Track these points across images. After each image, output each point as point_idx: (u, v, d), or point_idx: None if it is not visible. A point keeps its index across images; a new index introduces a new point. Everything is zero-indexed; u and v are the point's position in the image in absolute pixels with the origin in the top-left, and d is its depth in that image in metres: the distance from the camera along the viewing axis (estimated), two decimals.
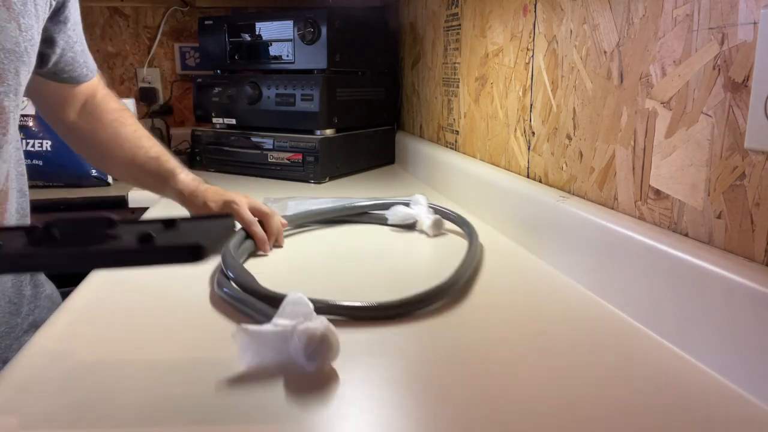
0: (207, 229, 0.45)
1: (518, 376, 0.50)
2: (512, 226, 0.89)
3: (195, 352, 0.55)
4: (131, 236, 0.42)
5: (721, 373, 0.49)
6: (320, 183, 1.36)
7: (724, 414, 0.45)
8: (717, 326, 0.50)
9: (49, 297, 0.85)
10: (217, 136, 1.48)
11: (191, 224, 0.47)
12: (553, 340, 0.57)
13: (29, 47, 0.70)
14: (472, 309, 0.65)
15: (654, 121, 0.62)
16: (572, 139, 0.78)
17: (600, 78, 0.71)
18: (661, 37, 0.60)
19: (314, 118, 1.37)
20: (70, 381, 0.49)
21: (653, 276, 0.58)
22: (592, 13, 0.72)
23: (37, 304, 0.81)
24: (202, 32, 1.51)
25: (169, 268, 0.50)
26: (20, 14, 0.67)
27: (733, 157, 0.52)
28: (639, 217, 0.65)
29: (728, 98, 0.52)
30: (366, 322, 0.60)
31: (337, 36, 1.36)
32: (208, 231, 0.45)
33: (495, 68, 1.02)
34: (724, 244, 0.53)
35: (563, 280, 0.73)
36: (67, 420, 0.44)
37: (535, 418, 0.44)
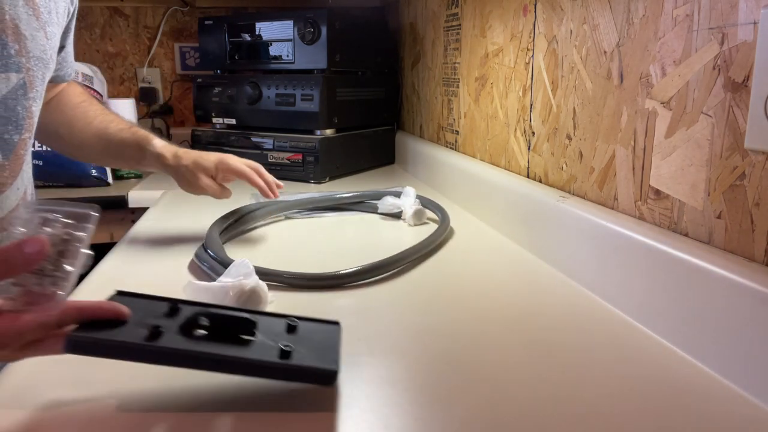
0: (327, 339, 0.51)
1: (518, 376, 0.50)
2: (512, 226, 0.89)
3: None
4: (268, 343, 0.47)
5: (721, 373, 0.49)
6: (320, 183, 1.36)
7: (724, 414, 0.45)
8: (717, 326, 0.50)
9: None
10: (217, 136, 1.48)
11: (309, 327, 0.52)
12: (553, 340, 0.57)
13: (53, 54, 0.73)
14: (471, 308, 0.65)
15: (654, 121, 0.62)
16: (572, 139, 0.78)
17: (600, 78, 0.71)
18: (661, 37, 0.60)
19: (314, 118, 1.37)
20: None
21: (653, 276, 0.58)
22: (592, 13, 0.72)
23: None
24: (202, 32, 1.51)
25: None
26: (46, 23, 0.70)
27: (733, 157, 0.52)
28: (639, 217, 0.65)
29: (728, 98, 0.52)
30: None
31: (337, 36, 1.36)
32: (330, 342, 0.50)
33: (495, 68, 1.02)
34: (724, 244, 0.53)
35: (563, 279, 0.73)
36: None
37: (534, 418, 0.44)
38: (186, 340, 0.45)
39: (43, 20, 0.68)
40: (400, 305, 0.66)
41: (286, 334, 0.50)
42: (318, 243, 0.91)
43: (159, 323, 0.46)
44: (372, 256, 0.75)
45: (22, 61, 0.65)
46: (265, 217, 1.00)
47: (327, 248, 0.88)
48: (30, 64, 0.67)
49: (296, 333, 0.50)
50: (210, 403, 0.46)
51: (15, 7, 0.64)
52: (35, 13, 0.67)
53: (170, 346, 0.44)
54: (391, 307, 0.66)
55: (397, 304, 0.66)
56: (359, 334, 0.58)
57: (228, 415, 0.45)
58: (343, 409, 0.46)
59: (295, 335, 0.50)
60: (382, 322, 0.62)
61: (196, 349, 0.44)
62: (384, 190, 1.12)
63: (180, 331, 0.46)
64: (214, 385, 0.48)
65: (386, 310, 0.65)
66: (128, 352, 0.43)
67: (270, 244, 0.90)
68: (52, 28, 0.71)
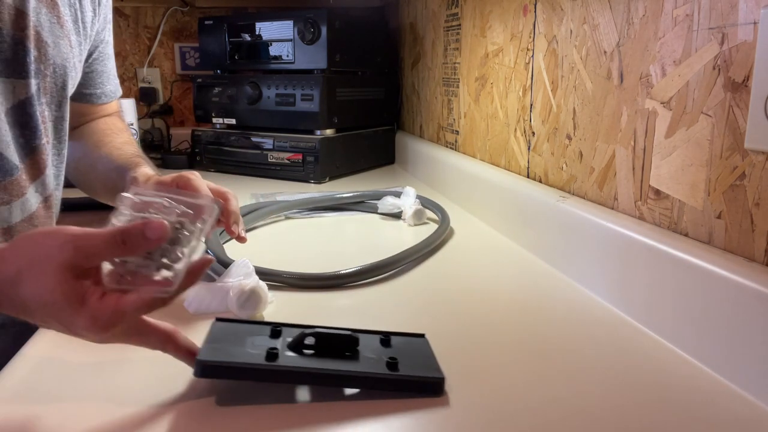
0: (421, 350, 0.52)
1: (518, 376, 0.50)
2: (512, 226, 0.89)
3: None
4: (372, 357, 0.49)
5: (721, 373, 0.49)
6: (320, 183, 1.36)
7: (724, 414, 0.45)
8: (717, 326, 0.50)
9: None
10: (217, 136, 1.48)
11: (399, 341, 0.53)
12: (553, 340, 0.57)
13: (77, 63, 0.74)
14: (471, 308, 0.65)
15: (654, 121, 0.62)
16: (572, 139, 0.78)
17: (600, 78, 0.71)
18: (661, 37, 0.60)
19: (314, 118, 1.37)
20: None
21: (653, 276, 0.58)
22: (592, 13, 0.72)
23: None
24: (202, 32, 1.51)
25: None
26: (71, 32, 0.71)
27: (733, 157, 0.51)
28: (639, 217, 0.65)
29: (728, 98, 0.52)
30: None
31: (337, 36, 1.36)
32: (425, 353, 0.51)
33: (495, 68, 1.02)
34: (724, 244, 0.53)
35: (563, 279, 0.73)
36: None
37: (534, 418, 0.44)
38: (299, 358, 0.47)
39: (68, 29, 0.70)
40: (400, 305, 0.66)
41: (382, 347, 0.52)
42: (318, 243, 0.90)
43: (272, 345, 0.48)
44: (372, 256, 0.75)
45: (40, 67, 0.66)
46: (265, 217, 1.00)
47: (327, 248, 0.88)
48: (47, 71, 0.68)
49: (391, 347, 0.52)
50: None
51: (38, 14, 0.65)
52: (59, 21, 0.68)
53: (292, 366, 0.46)
54: (391, 307, 0.66)
55: (397, 304, 0.66)
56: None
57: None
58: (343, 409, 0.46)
59: (391, 348, 0.52)
60: (382, 322, 0.62)
61: (315, 366, 0.46)
62: (384, 190, 1.12)
63: (292, 351, 0.48)
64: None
65: (386, 310, 0.65)
66: (255, 373, 0.46)
67: (270, 244, 0.90)
68: (78, 37, 0.73)
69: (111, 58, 0.86)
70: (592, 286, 0.68)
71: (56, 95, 0.71)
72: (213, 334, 0.50)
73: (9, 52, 0.63)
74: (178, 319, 0.61)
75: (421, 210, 0.99)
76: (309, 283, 0.70)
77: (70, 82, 0.72)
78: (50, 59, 0.67)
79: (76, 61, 0.73)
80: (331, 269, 0.72)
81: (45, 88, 0.68)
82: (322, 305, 0.66)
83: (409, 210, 0.99)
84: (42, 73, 0.67)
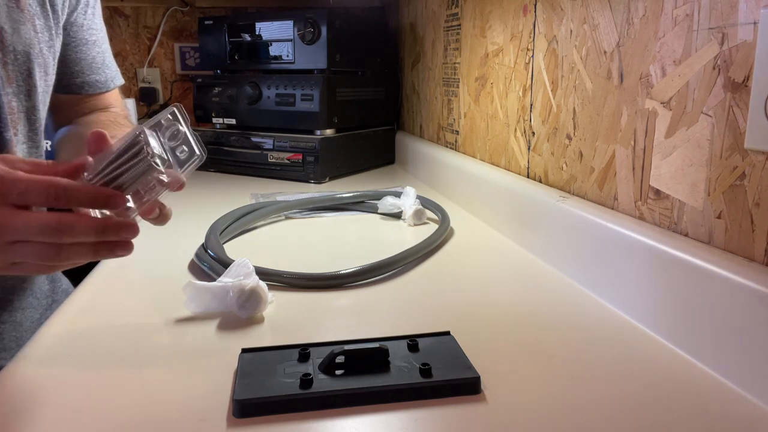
0: (450, 349, 0.52)
1: (517, 376, 0.50)
2: (512, 226, 0.89)
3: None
4: (403, 366, 0.49)
5: (721, 372, 0.49)
6: (320, 183, 1.36)
7: (723, 414, 0.45)
8: (717, 326, 0.50)
9: (65, 291, 0.85)
10: (217, 136, 1.48)
11: (426, 342, 0.53)
12: (553, 339, 0.57)
13: (44, 48, 0.70)
14: (471, 308, 0.65)
15: (654, 121, 0.62)
16: (572, 139, 0.78)
17: (600, 78, 0.71)
18: (661, 37, 0.60)
19: (314, 118, 1.37)
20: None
21: (653, 276, 0.58)
22: (592, 13, 0.72)
23: (54, 298, 0.82)
24: (202, 32, 1.51)
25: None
26: (35, 15, 0.67)
27: (733, 157, 0.51)
28: (639, 217, 0.65)
29: (728, 98, 0.52)
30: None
31: (337, 36, 1.36)
32: (455, 352, 0.52)
33: (495, 68, 1.02)
34: (724, 244, 0.53)
35: (563, 279, 0.73)
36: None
37: (534, 418, 0.44)
38: (333, 380, 0.47)
39: (30, 12, 0.66)
40: (401, 305, 0.66)
41: (410, 353, 0.52)
42: (318, 243, 0.90)
43: (306, 371, 0.48)
44: (372, 256, 0.75)
45: (2, 55, 0.63)
46: (265, 217, 1.00)
47: (327, 248, 0.88)
48: (8, 58, 0.64)
49: (419, 350, 0.52)
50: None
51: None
52: (19, 5, 0.64)
53: (329, 390, 0.46)
54: (391, 307, 0.66)
55: (397, 305, 0.66)
56: (359, 334, 0.58)
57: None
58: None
59: (419, 353, 0.51)
60: (382, 322, 0.62)
61: (351, 387, 0.46)
62: (384, 190, 1.12)
63: (324, 374, 0.48)
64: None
65: (386, 310, 0.65)
66: (294, 404, 0.45)
67: (270, 244, 0.90)
68: (47, 21, 0.69)
69: (94, 45, 0.81)
70: (592, 286, 0.68)
71: (23, 84, 0.67)
72: (242, 368, 0.49)
73: None
74: (178, 320, 0.61)
75: (421, 210, 0.99)
76: (309, 283, 0.70)
77: (38, 69, 0.69)
78: (9, 46, 0.64)
79: (44, 47, 0.69)
80: (331, 269, 0.72)
81: (8, 77, 0.65)
82: (322, 305, 0.66)
83: (409, 210, 0.99)
84: (2, 60, 0.64)
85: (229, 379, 0.49)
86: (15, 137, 0.68)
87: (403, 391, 0.46)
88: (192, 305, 0.62)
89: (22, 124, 0.69)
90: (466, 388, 0.47)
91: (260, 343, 0.54)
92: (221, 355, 0.53)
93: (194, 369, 0.51)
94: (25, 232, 0.44)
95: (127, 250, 0.49)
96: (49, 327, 0.60)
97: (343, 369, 0.48)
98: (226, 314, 0.62)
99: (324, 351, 0.50)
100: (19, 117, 0.68)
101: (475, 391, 0.47)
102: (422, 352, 0.52)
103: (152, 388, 0.48)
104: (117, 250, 0.49)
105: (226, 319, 0.61)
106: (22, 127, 0.69)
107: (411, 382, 0.47)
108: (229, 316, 0.61)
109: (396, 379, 0.47)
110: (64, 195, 0.44)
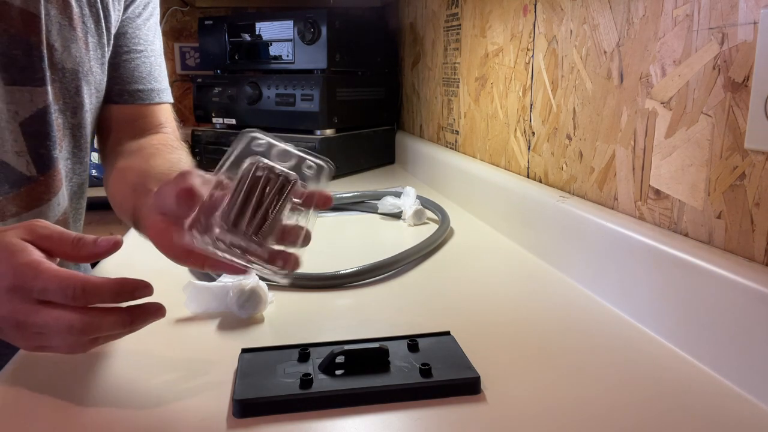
0: (450, 349, 0.52)
1: (517, 376, 0.50)
2: (512, 226, 0.89)
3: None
4: (403, 366, 0.49)
5: (721, 373, 0.49)
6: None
7: (723, 414, 0.45)
8: (717, 326, 0.50)
9: None
10: (217, 136, 1.48)
11: (426, 342, 0.53)
12: (553, 340, 0.57)
13: (95, 66, 0.69)
14: (471, 308, 0.65)
15: (654, 121, 0.62)
16: (572, 139, 0.78)
17: (600, 78, 0.71)
18: (661, 37, 0.60)
19: (314, 118, 1.37)
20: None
21: (653, 276, 0.58)
22: (592, 13, 0.72)
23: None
24: (202, 32, 1.51)
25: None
26: (88, 33, 0.67)
27: (733, 157, 0.51)
28: (639, 217, 0.65)
29: (728, 98, 0.52)
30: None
31: (337, 36, 1.36)
32: (455, 352, 0.51)
33: (495, 68, 1.02)
34: (724, 244, 0.53)
35: (563, 279, 0.73)
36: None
37: (533, 418, 0.44)
38: (333, 380, 0.47)
39: (83, 30, 0.66)
40: (400, 305, 0.66)
41: (410, 353, 0.51)
42: (318, 243, 0.90)
43: (306, 371, 0.48)
44: (372, 256, 0.75)
45: (50, 73, 0.64)
46: None
47: (327, 248, 0.88)
48: (56, 76, 0.65)
49: (419, 350, 0.52)
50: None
51: (48, 16, 0.62)
52: (71, 24, 0.65)
53: (329, 390, 0.46)
54: (390, 307, 0.66)
55: (397, 305, 0.66)
56: (359, 334, 0.58)
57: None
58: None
59: (419, 353, 0.51)
60: (382, 322, 0.62)
61: (351, 387, 0.46)
62: (384, 190, 1.12)
63: (324, 374, 0.48)
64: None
65: (386, 310, 0.65)
66: (294, 404, 0.45)
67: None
68: (100, 39, 0.69)
69: (140, 55, 0.77)
70: (592, 286, 0.68)
71: (70, 101, 0.68)
72: (242, 368, 0.49)
73: (24, 59, 0.61)
74: (178, 320, 0.61)
75: (421, 210, 0.99)
76: (309, 283, 0.70)
77: (85, 87, 0.69)
78: (58, 63, 0.65)
79: (94, 64, 0.70)
80: (331, 269, 0.72)
81: (56, 95, 0.66)
82: (322, 305, 0.66)
83: (409, 210, 0.99)
84: (50, 78, 0.64)
85: (229, 379, 0.49)
86: (60, 153, 0.68)
87: (403, 391, 0.46)
88: (192, 305, 0.62)
89: (67, 141, 0.69)
90: (466, 388, 0.47)
91: (260, 343, 0.54)
92: (221, 355, 0.53)
93: (194, 369, 0.51)
94: (48, 331, 0.42)
95: (159, 315, 0.46)
96: None
97: (343, 369, 0.48)
98: (226, 314, 0.62)
99: (324, 351, 0.50)
100: (65, 134, 0.69)
101: (475, 391, 0.47)
102: (422, 352, 0.52)
103: (152, 388, 0.48)
104: (150, 319, 0.45)
105: (226, 319, 0.61)
106: (66, 143, 0.69)
107: (411, 382, 0.47)
108: (229, 316, 0.61)
109: (396, 379, 0.47)
110: (82, 295, 0.42)
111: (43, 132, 0.65)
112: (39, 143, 0.65)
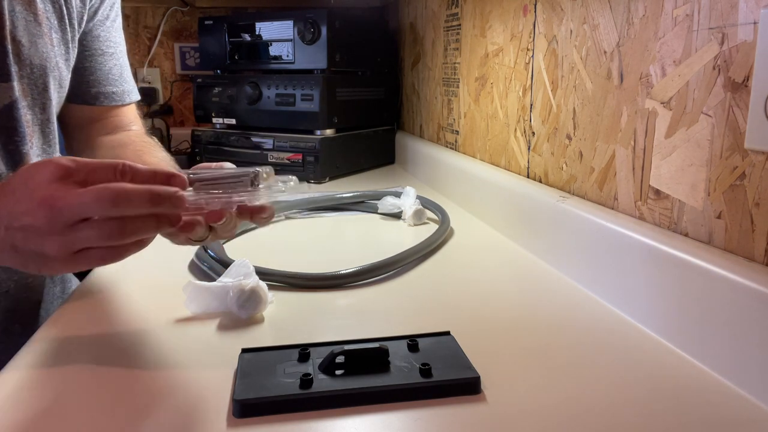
0: (450, 349, 0.52)
1: (517, 376, 0.50)
2: (512, 226, 0.89)
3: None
4: (403, 366, 0.49)
5: (721, 373, 0.49)
6: (320, 183, 1.36)
7: (723, 414, 0.45)
8: (717, 326, 0.50)
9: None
10: (217, 136, 1.48)
11: (426, 342, 0.53)
12: (552, 340, 0.57)
13: (61, 62, 0.70)
14: (471, 308, 0.65)
15: (654, 121, 0.62)
16: (572, 139, 0.78)
17: (600, 78, 0.71)
18: (661, 37, 0.60)
19: (314, 118, 1.37)
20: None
21: (653, 276, 0.58)
22: (592, 13, 0.72)
23: (64, 299, 0.82)
24: (202, 32, 1.51)
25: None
26: (52, 29, 0.67)
27: (733, 157, 0.52)
28: (639, 217, 0.65)
29: (728, 98, 0.52)
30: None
31: (337, 36, 1.36)
32: (455, 352, 0.52)
33: (495, 68, 1.02)
34: (724, 244, 0.53)
35: (563, 279, 0.73)
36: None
37: (533, 418, 0.44)
38: (333, 380, 0.47)
39: (47, 26, 0.67)
40: (400, 305, 0.66)
41: (410, 353, 0.52)
42: (318, 243, 0.90)
43: (306, 371, 0.48)
44: (372, 256, 0.75)
45: (17, 69, 0.64)
46: None
47: (327, 248, 0.88)
48: (24, 71, 0.65)
49: (419, 350, 0.52)
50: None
51: (12, 12, 0.63)
52: (36, 19, 0.65)
53: (329, 390, 0.46)
54: (390, 307, 0.66)
55: (397, 305, 0.66)
56: (359, 334, 0.58)
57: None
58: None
59: (419, 353, 0.52)
60: (382, 322, 0.62)
61: (351, 387, 0.46)
62: (384, 190, 1.12)
63: (324, 374, 0.48)
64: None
65: (386, 310, 0.65)
66: (294, 404, 0.45)
67: (270, 244, 0.90)
68: (64, 35, 0.69)
69: (111, 57, 0.81)
70: (592, 285, 0.68)
71: (38, 97, 0.68)
72: (242, 368, 0.49)
73: None
74: (178, 320, 0.61)
75: (421, 210, 0.99)
76: (309, 283, 0.70)
77: (53, 82, 0.69)
78: (26, 59, 0.65)
79: (60, 60, 0.70)
80: (331, 269, 0.72)
81: (24, 90, 0.66)
82: (322, 305, 0.66)
83: (409, 210, 0.99)
84: (18, 74, 0.64)
85: (229, 379, 0.49)
86: (30, 149, 0.68)
87: (403, 391, 0.46)
88: (192, 305, 0.62)
89: (37, 136, 0.70)
90: (466, 388, 0.47)
91: (260, 343, 0.54)
92: (221, 355, 0.53)
93: (194, 369, 0.51)
94: (80, 206, 0.41)
95: (177, 220, 0.47)
96: (48, 327, 0.60)
97: (343, 369, 0.48)
98: (226, 314, 0.62)
99: (324, 351, 0.50)
100: (34, 130, 0.69)
101: (475, 391, 0.47)
102: (422, 352, 0.52)
103: (152, 388, 0.48)
104: (174, 220, 0.46)
105: (226, 319, 0.61)
106: (36, 140, 0.70)
107: (411, 382, 0.47)
108: (229, 316, 0.61)
109: (396, 379, 0.47)
110: (129, 170, 0.43)
111: (11, 127, 0.65)
112: (8, 139, 0.65)
